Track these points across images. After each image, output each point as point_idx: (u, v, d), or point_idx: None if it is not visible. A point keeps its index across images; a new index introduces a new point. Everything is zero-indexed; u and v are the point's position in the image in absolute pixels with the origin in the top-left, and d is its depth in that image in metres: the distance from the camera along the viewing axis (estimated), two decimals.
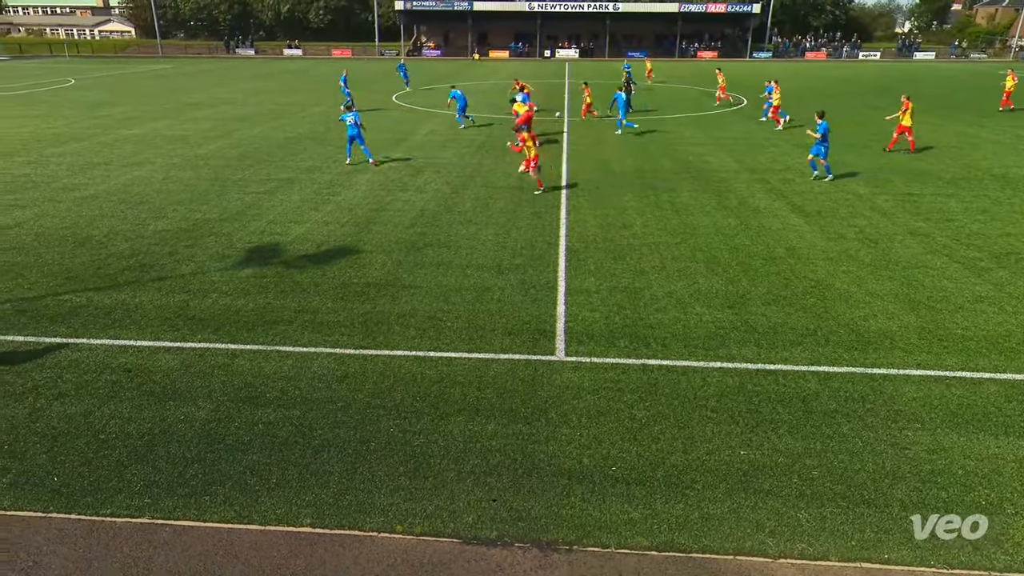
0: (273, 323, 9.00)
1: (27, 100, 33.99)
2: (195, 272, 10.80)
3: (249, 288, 10.16)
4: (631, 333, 8.80)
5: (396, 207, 14.52)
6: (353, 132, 18.06)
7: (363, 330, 8.82)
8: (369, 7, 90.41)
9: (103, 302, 9.63)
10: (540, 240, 12.37)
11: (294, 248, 11.97)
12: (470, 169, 18.28)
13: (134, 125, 25.66)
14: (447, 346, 8.43)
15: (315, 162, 19.07)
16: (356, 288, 10.16)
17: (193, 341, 8.50)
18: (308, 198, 15.25)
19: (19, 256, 11.44)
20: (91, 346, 8.35)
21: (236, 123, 26.35)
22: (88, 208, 14.28)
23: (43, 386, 7.45)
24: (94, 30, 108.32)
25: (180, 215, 13.84)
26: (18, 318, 9.09)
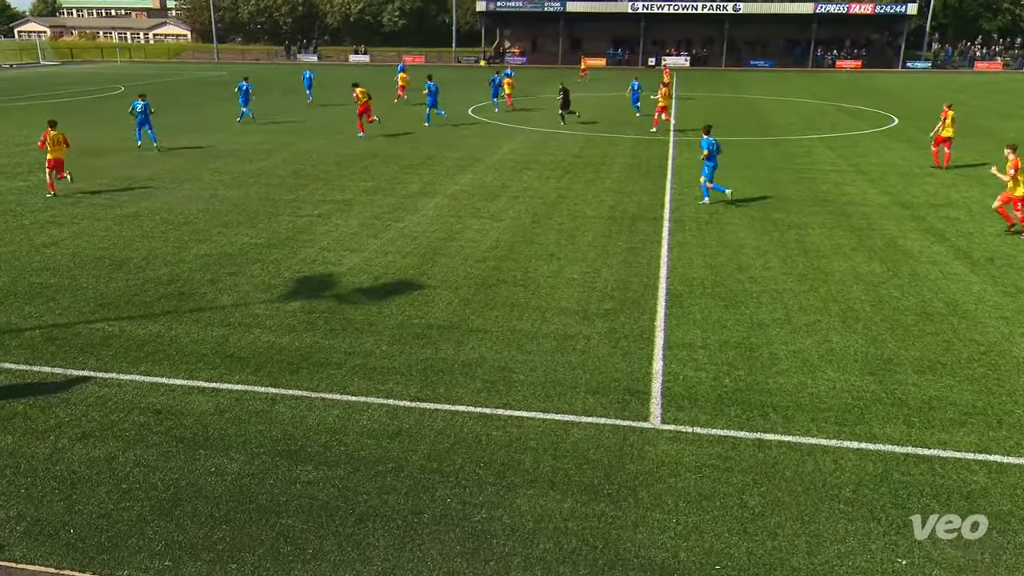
0: (320, 366, 9.26)
1: (72, 108, 37.02)
2: (237, 303, 11.29)
3: (295, 324, 10.52)
4: (744, 399, 8.52)
5: (467, 237, 14.78)
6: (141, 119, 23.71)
7: (421, 379, 8.93)
8: (447, 8, 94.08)
9: (136, 333, 10.19)
10: (635, 281, 12.28)
11: (348, 280, 12.34)
12: (555, 195, 18.45)
13: (182, 137, 27.44)
14: (519, 404, 8.41)
15: (376, 182, 19.76)
16: (416, 330, 10.34)
17: (230, 382, 8.85)
18: (367, 223, 15.76)
19: (53, 278, 12.32)
20: (120, 382, 8.83)
21: (291, 136, 27.74)
22: (128, 227, 15.27)
23: (66, 424, 7.91)
24: (149, 33, 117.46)
25: (225, 238, 14.58)
26: (47, 347, 9.74)
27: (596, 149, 25.31)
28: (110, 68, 72.71)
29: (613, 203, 17.52)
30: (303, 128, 30.15)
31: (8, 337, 10.03)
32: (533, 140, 27.10)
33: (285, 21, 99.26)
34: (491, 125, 31.44)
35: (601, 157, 22.84)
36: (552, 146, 25.90)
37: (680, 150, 24.97)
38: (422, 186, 19.31)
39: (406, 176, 20.57)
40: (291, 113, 35.44)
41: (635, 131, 29.27)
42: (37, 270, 12.68)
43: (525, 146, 25.88)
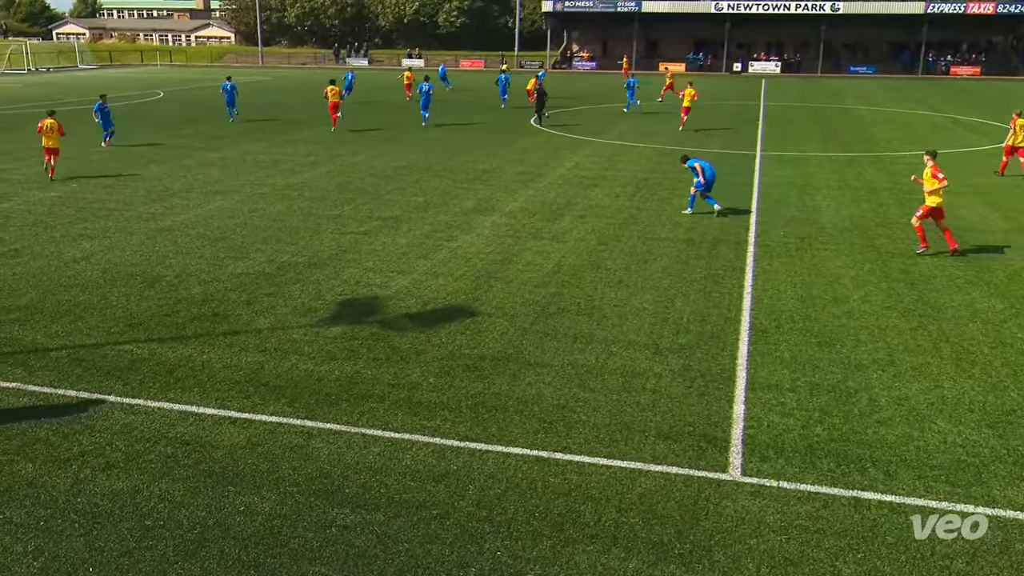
0: (361, 398, 9.37)
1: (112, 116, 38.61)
2: (274, 327, 11.54)
3: (336, 352, 10.68)
4: (839, 452, 8.28)
5: (526, 259, 14.83)
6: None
7: (472, 416, 8.95)
8: (510, 8, 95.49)
9: (167, 356, 10.50)
10: (715, 313, 12.12)
11: (395, 304, 12.50)
12: (625, 214, 18.41)
13: (222, 146, 28.36)
14: (579, 447, 8.34)
15: (428, 197, 20.04)
16: (467, 361, 10.38)
17: (264, 413, 9.02)
18: (416, 242, 15.97)
19: (82, 295, 12.81)
20: (147, 409, 9.09)
21: (337, 147, 28.40)
22: (162, 242, 15.81)
23: (90, 453, 8.17)
24: (191, 35, 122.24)
25: (264, 256, 14.95)
26: (72, 368, 10.10)
27: (673, 164, 25.19)
28: (149, 72, 75.84)
29: (691, 224, 17.38)
30: (351, 138, 30.83)
31: (34, 357, 10.44)
32: (603, 153, 27.15)
33: (333, 23, 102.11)
34: (556, 136, 31.63)
35: (679, 173, 22.70)
36: (623, 160, 25.90)
37: (768, 167, 24.67)
38: (477, 203, 19.49)
39: (460, 191, 20.81)
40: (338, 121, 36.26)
41: (720, 143, 29.07)
42: (66, 286, 13.20)
43: (593, 160, 25.94)
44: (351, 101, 40.81)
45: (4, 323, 11.58)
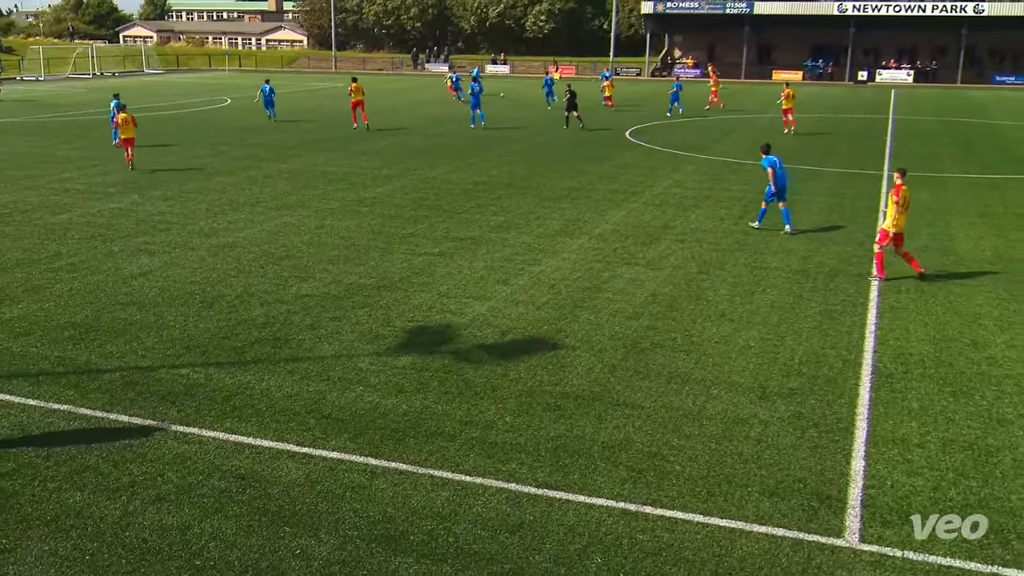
0: (430, 436, 9.44)
1: (176, 122, 40.31)
2: (339, 354, 11.75)
3: (404, 384, 10.80)
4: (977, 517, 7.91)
5: (616, 287, 14.77)
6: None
7: (552, 461, 8.91)
8: (605, 10, 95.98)
9: (224, 382, 10.79)
10: (831, 354, 11.81)
11: (470, 333, 12.58)
12: (730, 239, 18.17)
13: (291, 157, 29.22)
14: (672, 501, 8.20)
15: (509, 216, 20.18)
16: (548, 399, 10.36)
17: (325, 448, 9.16)
18: (496, 266, 16.07)
19: (139, 313, 13.31)
20: (202, 438, 9.35)
21: (413, 160, 28.92)
22: (224, 259, 16.33)
23: (141, 484, 8.44)
24: (261, 39, 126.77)
25: (330, 277, 15.28)
26: (126, 392, 10.48)
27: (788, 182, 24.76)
28: (217, 78, 78.84)
29: (806, 253, 17.03)
30: (428, 149, 31.36)
31: (87, 379, 10.88)
32: (706, 171, 26.90)
33: (414, 25, 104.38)
34: (654, 151, 31.52)
35: (793, 194, 22.30)
36: (730, 178, 25.61)
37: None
38: (564, 223, 19.53)
39: (546, 211, 20.89)
40: (413, 132, 36.96)
41: (841, 162, 28.48)
42: (123, 304, 13.74)
43: (696, 177, 25.72)
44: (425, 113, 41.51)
45: (58, 341, 12.11)
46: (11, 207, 20.80)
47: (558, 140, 34.69)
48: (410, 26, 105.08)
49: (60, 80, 71.52)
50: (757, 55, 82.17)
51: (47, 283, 14.73)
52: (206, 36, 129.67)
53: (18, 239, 17.70)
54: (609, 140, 34.76)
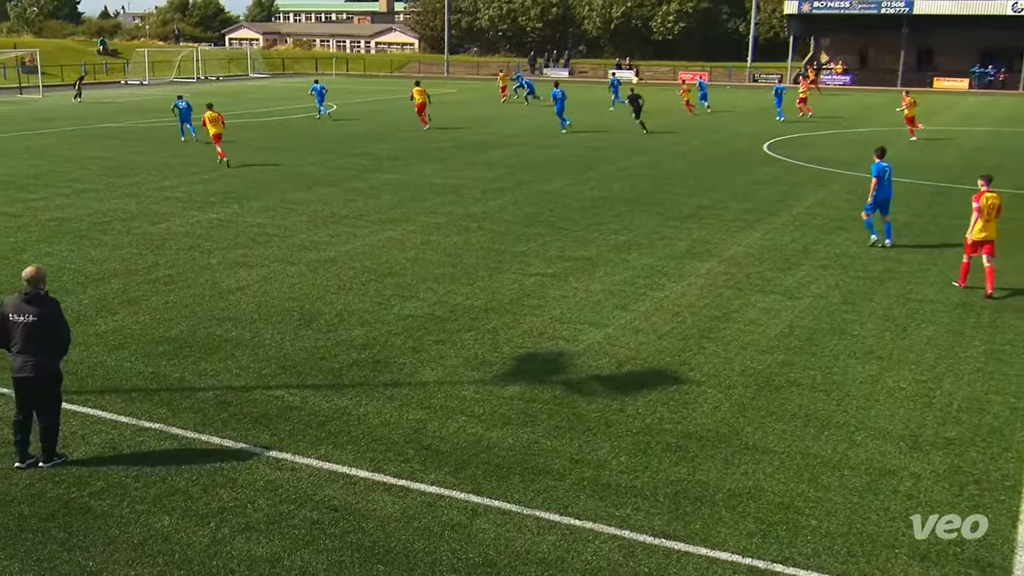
0: (537, 473, 9.45)
1: (278, 129, 41.77)
2: (442, 381, 11.91)
3: (511, 415, 10.86)
4: None
5: (748, 317, 14.53)
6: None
7: (671, 507, 8.80)
8: (743, 10, 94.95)
9: (320, 406, 11.08)
10: (996, 400, 11.33)
11: (584, 363, 12.57)
12: (880, 266, 17.66)
13: (397, 168, 29.88)
14: (806, 560, 7.99)
15: (631, 236, 20.11)
16: (668, 438, 10.25)
17: (423, 481, 9.28)
18: (615, 289, 16.03)
19: (234, 330, 13.81)
20: (295, 465, 9.61)
21: (527, 172, 29.17)
22: (323, 275, 16.79)
23: (230, 510, 8.72)
24: (370, 41, 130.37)
25: (435, 296, 15.52)
26: (218, 413, 10.87)
27: (949, 204, 23.92)
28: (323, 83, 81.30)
29: (969, 283, 16.38)
30: (543, 161, 31.57)
31: (179, 397, 11.34)
32: (855, 189, 26.19)
33: (534, 27, 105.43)
34: (795, 167, 30.93)
35: (954, 216, 21.51)
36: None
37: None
38: (691, 244, 19.34)
39: (671, 230, 20.73)
40: (528, 142, 37.30)
41: (1009, 182, 27.32)
42: (219, 319, 14.28)
43: (843, 196, 25.12)
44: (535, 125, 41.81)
45: (153, 356, 12.67)
46: (111, 215, 21.92)
47: (687, 153, 34.44)
48: (529, 28, 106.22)
49: (164, 84, 75.12)
50: (916, 60, 79.67)
51: (144, 295, 15.45)
52: (313, 39, 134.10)
53: (116, 248, 18.63)
54: (744, 153, 34.29)
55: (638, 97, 40.83)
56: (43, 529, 8.26)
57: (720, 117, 48.88)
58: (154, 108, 51.82)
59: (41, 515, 8.50)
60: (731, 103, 58.75)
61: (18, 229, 20.32)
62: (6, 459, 9.50)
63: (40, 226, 20.66)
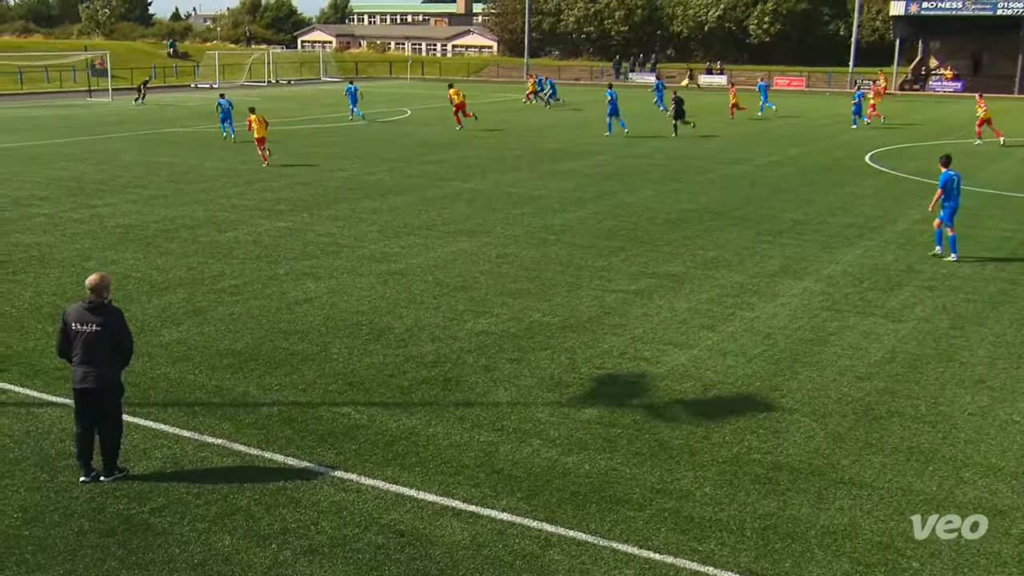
0: (615, 503, 9.38)
1: (349, 135, 42.38)
2: (515, 402, 11.90)
3: (588, 440, 10.80)
4: None
5: (847, 341, 14.28)
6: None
7: (759, 544, 8.66)
8: (845, 11, 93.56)
9: (387, 425, 11.16)
10: None
11: (667, 386, 12.47)
12: (994, 288, 17.23)
13: (472, 176, 30.08)
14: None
15: (720, 252, 19.92)
16: (757, 469, 10.10)
17: (495, 507, 9.27)
18: (702, 308, 15.89)
19: (301, 343, 14.00)
20: (360, 487, 9.68)
21: (609, 182, 29.11)
22: (394, 288, 16.95)
23: (292, 531, 8.82)
24: (447, 44, 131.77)
25: (510, 313, 15.55)
26: (283, 430, 11.02)
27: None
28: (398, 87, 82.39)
29: None
30: (627, 171, 31.49)
31: (243, 412, 11.53)
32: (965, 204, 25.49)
33: (619, 30, 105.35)
34: (900, 179, 30.37)
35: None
36: (995, 214, 24.33)
37: None
38: (785, 262, 19.09)
39: (763, 246, 20.48)
40: (611, 151, 37.24)
41: None
42: (285, 332, 14.50)
43: None
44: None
45: (217, 369, 12.92)
46: (177, 222, 22.47)
47: (782, 163, 34.05)
48: (614, 31, 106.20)
49: (235, 87, 76.80)
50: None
51: (209, 306, 15.77)
52: (388, 41, 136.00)
53: (183, 257, 19.07)
54: (844, 164, 33.76)
55: (680, 100, 42.82)
56: (103, 545, 8.45)
57: (818, 126, 48.25)
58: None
59: (101, 531, 8.71)
60: (830, 111, 57.91)
61: (84, 236, 20.94)
62: (67, 472, 9.76)
63: (106, 233, 21.27)
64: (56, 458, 10.12)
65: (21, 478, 9.71)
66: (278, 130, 43.56)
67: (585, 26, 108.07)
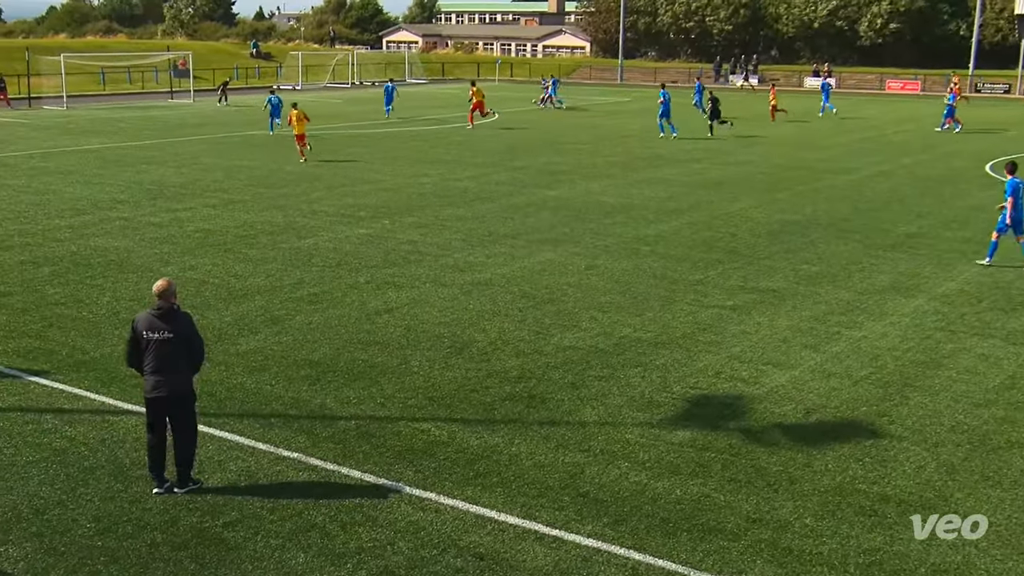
0: (708, 531, 9.28)
1: (433, 139, 42.81)
2: (603, 421, 11.87)
3: (680, 464, 10.71)
4: None
5: (963, 365, 13.97)
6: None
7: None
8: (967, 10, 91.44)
9: (468, 443, 11.21)
10: None
11: (765, 409, 12.31)
12: None
13: (559, 183, 30.11)
14: None
15: (825, 266, 19.62)
16: (862, 500, 9.93)
17: (579, 532, 9.24)
18: (804, 326, 15.67)
19: (380, 355, 14.16)
20: (439, 506, 9.74)
21: (707, 191, 28.90)
22: (478, 299, 17.04)
23: (368, 551, 8.91)
24: (537, 44, 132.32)
25: (599, 327, 15.52)
26: (360, 444, 11.15)
27: None
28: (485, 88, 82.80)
29: None
30: (727, 179, 31.22)
31: (320, 425, 11.70)
32: None
33: (721, 29, 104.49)
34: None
35: None
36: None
37: None
38: (896, 278, 18.73)
39: (872, 260, 20.12)
40: (708, 158, 36.96)
41: None
42: (364, 343, 14.69)
43: None
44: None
45: (294, 380, 13.14)
46: (256, 228, 22.93)
47: (893, 173, 33.43)
48: (716, 30, 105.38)
49: (318, 89, 78.21)
50: None
51: (287, 314, 16.06)
52: (476, 41, 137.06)
53: (261, 263, 19.46)
54: (962, 174, 33.00)
55: (716, 100, 44.49)
56: (175, 559, 8.65)
57: (933, 133, 47.22)
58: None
59: (174, 543, 8.91)
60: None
61: (163, 240, 21.51)
62: (141, 482, 10.02)
63: (186, 237, 21.81)
64: (130, 467, 10.40)
65: (95, 487, 10.00)
66: (361, 133, 44.14)
67: (684, 22, 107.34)
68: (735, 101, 62.75)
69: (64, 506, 9.60)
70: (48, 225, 23.07)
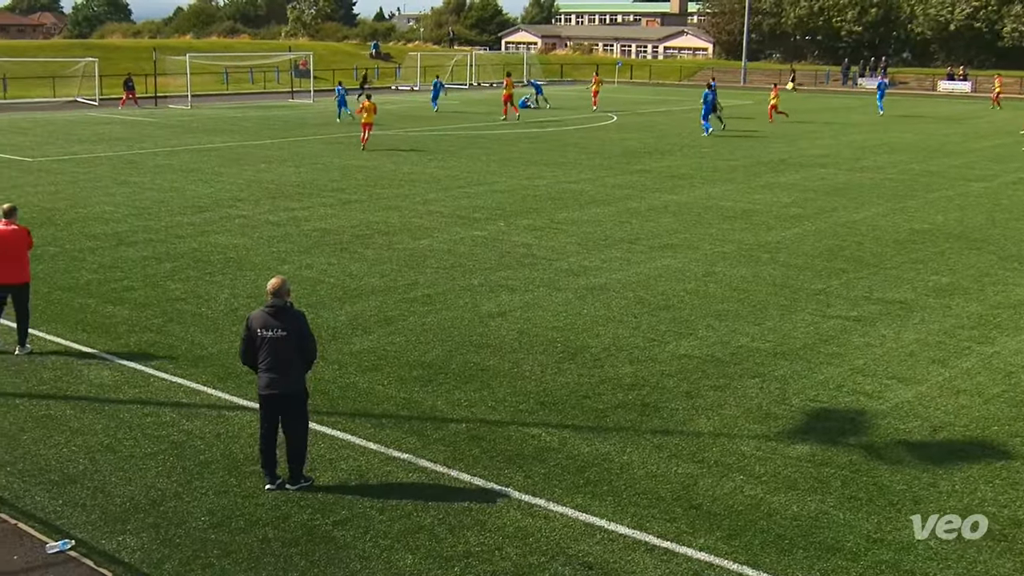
0: (826, 550, 9.10)
1: (550, 141, 42.89)
2: (718, 432, 11.73)
3: (798, 479, 10.53)
4: None
5: None
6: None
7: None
8: None
9: (579, 449, 11.20)
10: None
11: (889, 425, 12.03)
12: None
13: (680, 188, 29.89)
14: None
15: (956, 277, 19.07)
16: (992, 525, 9.58)
17: (691, 545, 9.15)
18: (932, 340, 15.26)
19: (492, 358, 14.25)
20: (548, 513, 9.75)
21: (832, 197, 28.34)
22: (592, 304, 17.02)
23: (476, 555, 8.97)
24: (658, 46, 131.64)
25: (716, 336, 15.35)
26: (470, 448, 11.24)
27: None
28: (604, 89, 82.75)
29: None
30: (854, 185, 30.58)
31: (430, 427, 11.83)
32: None
33: (851, 30, 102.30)
34: None
35: None
36: None
37: None
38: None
39: (1007, 273, 19.47)
40: (835, 163, 36.24)
41: None
42: (476, 346, 14.80)
43: None
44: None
45: (406, 381, 13.32)
46: (372, 228, 23.30)
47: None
48: (844, 31, 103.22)
49: None
50: None
51: (400, 315, 16.28)
52: (595, 42, 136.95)
53: (376, 264, 19.77)
54: None
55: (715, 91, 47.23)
56: (285, 555, 8.85)
57: None
58: (423, 116, 54.67)
59: (284, 540, 9.12)
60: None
61: (280, 239, 22.02)
62: (254, 477, 10.28)
63: (303, 236, 22.30)
64: (244, 463, 10.68)
65: (210, 480, 10.29)
66: (478, 134, 44.49)
67: (810, 23, 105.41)
68: (853, 105, 61.33)
69: (180, 498, 9.90)
70: (170, 222, 23.84)
